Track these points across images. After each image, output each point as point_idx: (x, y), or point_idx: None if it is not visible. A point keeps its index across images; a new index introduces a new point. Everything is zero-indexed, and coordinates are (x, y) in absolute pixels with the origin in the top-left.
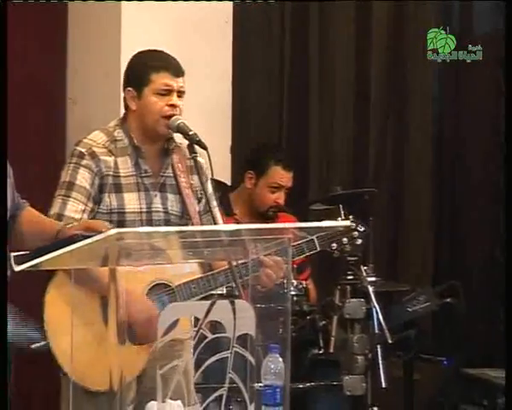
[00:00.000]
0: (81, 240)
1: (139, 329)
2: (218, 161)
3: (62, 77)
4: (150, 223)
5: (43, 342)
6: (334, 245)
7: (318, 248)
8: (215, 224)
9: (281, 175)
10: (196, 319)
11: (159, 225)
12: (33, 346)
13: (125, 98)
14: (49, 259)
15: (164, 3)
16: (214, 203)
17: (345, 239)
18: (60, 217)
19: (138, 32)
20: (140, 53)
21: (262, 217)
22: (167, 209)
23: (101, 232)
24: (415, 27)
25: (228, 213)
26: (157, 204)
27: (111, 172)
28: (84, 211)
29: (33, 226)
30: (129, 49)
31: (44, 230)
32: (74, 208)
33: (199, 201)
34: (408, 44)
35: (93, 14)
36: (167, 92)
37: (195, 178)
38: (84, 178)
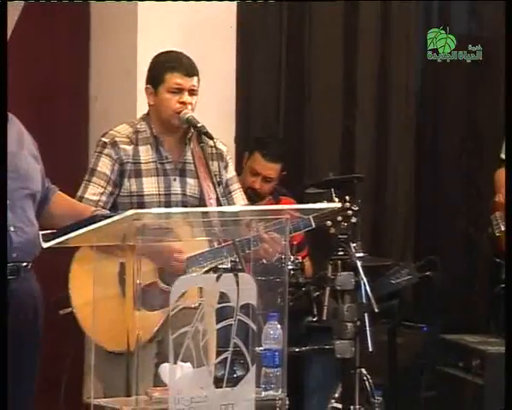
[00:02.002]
0: (102, 220)
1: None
2: None
3: (85, 75)
4: (168, 204)
5: (69, 309)
6: (329, 223)
7: (313, 226)
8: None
9: (259, 162)
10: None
11: (176, 206)
12: (61, 312)
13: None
14: (74, 237)
15: (176, 10)
16: (235, 187)
17: (339, 217)
18: (81, 199)
19: (153, 36)
20: (159, 54)
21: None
22: (185, 192)
23: None
24: (399, 27)
25: None
26: (176, 187)
27: (130, 160)
28: (102, 194)
29: (66, 210)
30: (145, 51)
31: (78, 214)
32: (93, 192)
33: (218, 185)
34: (392, 43)
35: (112, 19)
36: (179, 90)
37: (215, 164)
38: (104, 165)
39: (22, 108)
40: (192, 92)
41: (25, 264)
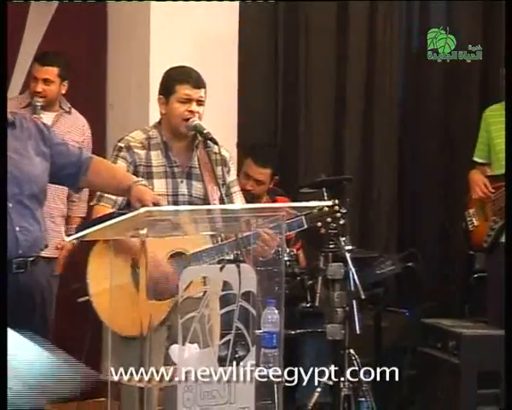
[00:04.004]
0: (117, 217)
1: (161, 284)
2: None
3: (103, 86)
4: (176, 204)
5: (86, 297)
6: (319, 224)
7: (305, 226)
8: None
9: (251, 167)
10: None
11: (183, 205)
12: (79, 299)
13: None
14: (92, 231)
15: (185, 29)
16: (235, 189)
17: (329, 219)
18: (101, 197)
19: (164, 51)
20: (171, 68)
21: None
22: (191, 193)
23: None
24: (384, 45)
25: None
26: (183, 189)
27: (143, 163)
28: None
29: (106, 177)
30: (156, 65)
31: (118, 182)
32: None
33: (222, 186)
34: (378, 59)
35: (127, 35)
36: (188, 100)
37: (219, 168)
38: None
39: None
40: (200, 103)
41: (31, 258)
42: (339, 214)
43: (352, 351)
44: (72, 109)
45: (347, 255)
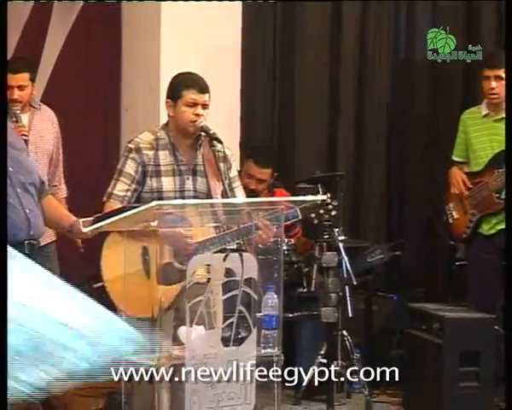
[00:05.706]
0: (130, 210)
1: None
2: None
3: (117, 90)
4: (182, 199)
5: (100, 284)
6: (313, 215)
7: (300, 217)
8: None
9: (251, 167)
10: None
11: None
12: (95, 285)
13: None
14: (108, 223)
15: (193, 37)
16: (237, 183)
17: (321, 210)
18: (110, 195)
19: (173, 57)
20: (178, 74)
21: None
22: (196, 189)
23: None
24: (374, 51)
25: None
26: (189, 185)
27: (152, 162)
28: (127, 190)
29: (52, 213)
30: (167, 70)
31: (61, 220)
32: (120, 188)
33: (225, 179)
34: (368, 64)
35: (140, 44)
36: (193, 104)
37: (222, 165)
38: (130, 167)
39: (66, 117)
40: (204, 106)
41: (36, 242)
42: (330, 207)
43: (344, 332)
44: (41, 105)
45: (340, 245)
